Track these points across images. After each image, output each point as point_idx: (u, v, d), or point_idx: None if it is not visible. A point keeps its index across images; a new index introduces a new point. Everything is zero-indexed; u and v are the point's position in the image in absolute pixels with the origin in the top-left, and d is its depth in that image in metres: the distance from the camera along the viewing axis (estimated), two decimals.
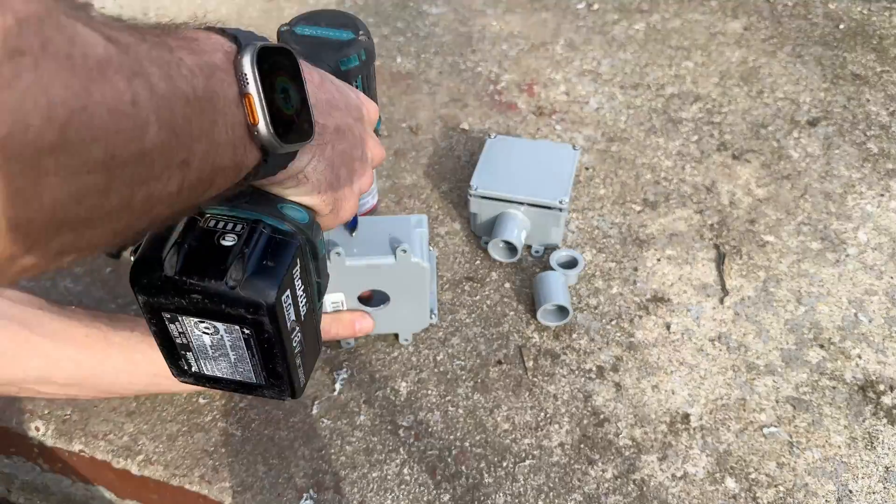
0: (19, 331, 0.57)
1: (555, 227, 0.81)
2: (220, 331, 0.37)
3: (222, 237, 0.36)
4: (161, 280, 0.35)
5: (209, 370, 0.41)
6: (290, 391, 0.42)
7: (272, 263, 0.36)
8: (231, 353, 0.39)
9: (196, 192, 0.30)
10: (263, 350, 0.38)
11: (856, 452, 0.66)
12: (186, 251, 0.35)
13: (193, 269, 0.35)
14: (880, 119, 1.00)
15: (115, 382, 0.64)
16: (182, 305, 0.36)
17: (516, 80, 1.10)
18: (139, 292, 0.36)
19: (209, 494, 0.66)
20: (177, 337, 0.39)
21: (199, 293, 0.35)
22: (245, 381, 0.42)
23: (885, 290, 0.79)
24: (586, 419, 0.69)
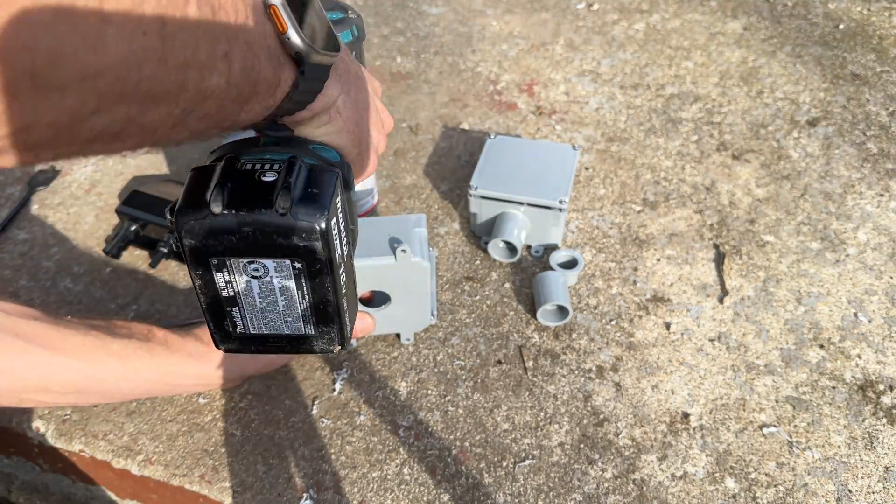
0: (15, 342, 0.57)
1: (555, 227, 0.81)
2: (270, 271, 0.37)
3: (262, 175, 0.36)
4: (209, 220, 0.34)
5: (255, 327, 0.40)
6: (340, 339, 0.41)
7: (317, 190, 0.36)
8: (280, 299, 0.38)
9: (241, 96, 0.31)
10: (314, 285, 0.37)
11: (855, 452, 0.66)
12: (230, 188, 0.35)
13: (241, 202, 0.34)
14: (880, 119, 1.00)
15: (114, 389, 0.64)
16: (231, 244, 0.35)
17: (516, 80, 1.10)
18: (186, 236, 0.35)
19: (209, 494, 0.66)
20: (223, 289, 0.38)
21: (249, 225, 0.34)
22: (293, 335, 0.41)
23: (884, 290, 0.79)
24: (586, 419, 0.69)
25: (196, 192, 0.35)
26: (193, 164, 0.98)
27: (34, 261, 0.87)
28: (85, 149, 0.26)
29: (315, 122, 0.40)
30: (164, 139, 0.30)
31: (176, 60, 0.26)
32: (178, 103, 0.28)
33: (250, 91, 0.32)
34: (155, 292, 0.82)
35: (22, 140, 0.23)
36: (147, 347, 0.63)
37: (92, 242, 0.88)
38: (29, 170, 0.98)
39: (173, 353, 0.64)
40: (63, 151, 0.26)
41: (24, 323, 0.58)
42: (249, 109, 0.33)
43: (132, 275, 0.84)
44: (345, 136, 0.41)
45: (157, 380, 0.65)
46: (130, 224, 0.82)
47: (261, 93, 0.33)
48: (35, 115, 0.22)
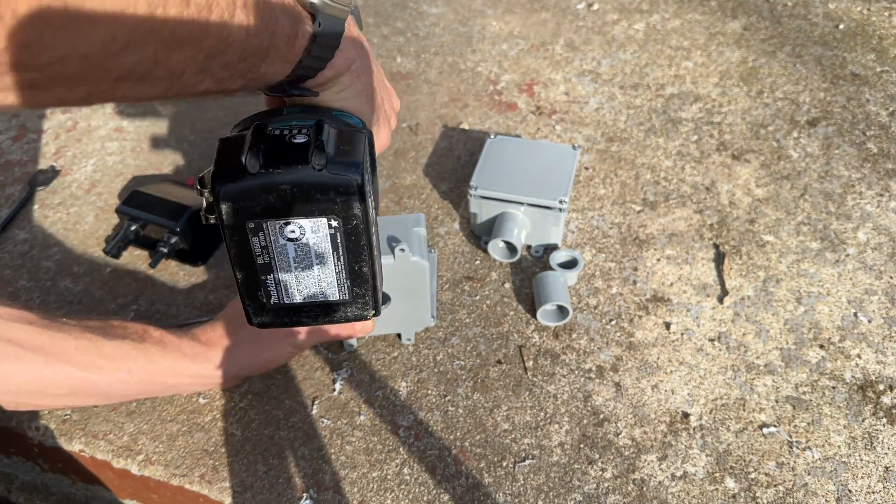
0: (7, 347, 0.57)
1: (555, 227, 0.81)
2: (306, 231, 0.37)
3: (293, 138, 0.36)
4: (247, 181, 0.35)
5: (290, 296, 0.40)
6: (374, 303, 0.41)
7: (349, 148, 0.37)
8: (315, 262, 0.39)
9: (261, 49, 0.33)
10: (350, 244, 0.38)
11: (855, 452, 0.66)
12: (264, 150, 0.35)
13: (277, 162, 0.35)
14: (880, 119, 1.00)
15: (109, 391, 0.64)
16: (269, 204, 0.35)
17: (516, 80, 1.10)
18: (224, 200, 0.35)
19: (209, 494, 0.66)
20: (259, 255, 0.38)
21: (288, 183, 0.35)
22: (327, 302, 0.41)
23: (884, 290, 0.79)
24: (586, 419, 0.69)
25: (230, 158, 0.36)
26: (194, 165, 0.98)
27: (34, 261, 0.87)
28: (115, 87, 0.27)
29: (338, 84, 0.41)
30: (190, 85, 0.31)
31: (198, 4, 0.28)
32: (201, 47, 0.29)
33: (269, 42, 0.33)
34: (155, 292, 0.82)
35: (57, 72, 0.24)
36: (141, 348, 0.63)
37: (92, 242, 0.88)
38: (29, 170, 0.99)
39: (168, 353, 0.64)
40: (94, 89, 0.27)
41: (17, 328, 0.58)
42: (271, 62, 0.35)
43: (132, 275, 0.84)
44: (364, 100, 0.42)
45: (151, 380, 0.65)
46: (130, 224, 0.82)
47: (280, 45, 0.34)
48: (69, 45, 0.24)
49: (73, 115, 1.08)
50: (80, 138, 1.03)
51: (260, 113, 0.41)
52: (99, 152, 1.01)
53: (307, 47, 0.36)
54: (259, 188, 0.35)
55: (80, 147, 1.02)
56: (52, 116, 1.08)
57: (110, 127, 1.05)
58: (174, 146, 1.01)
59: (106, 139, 1.03)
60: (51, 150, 1.02)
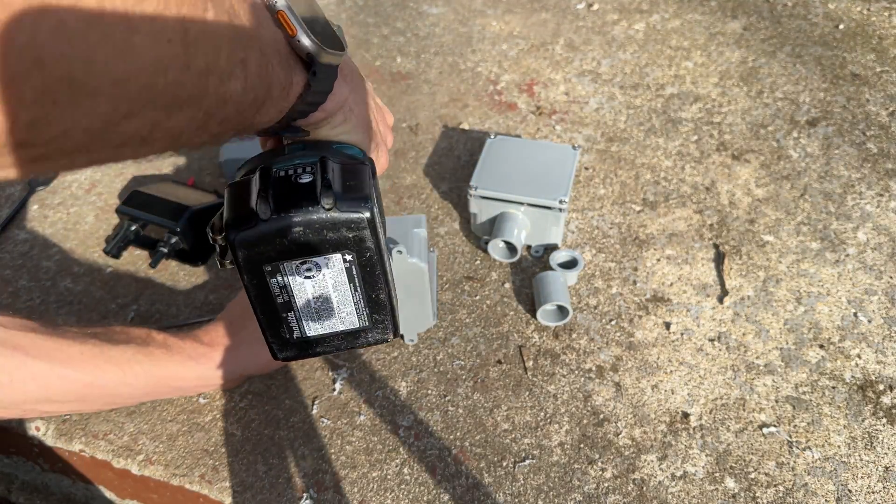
0: (14, 355, 0.57)
1: (554, 227, 0.81)
2: (322, 269, 0.38)
3: (298, 178, 0.37)
4: (259, 227, 0.35)
5: (312, 329, 0.41)
6: (393, 326, 0.42)
7: (355, 183, 0.37)
8: (333, 296, 0.40)
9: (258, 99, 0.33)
10: (365, 275, 0.39)
11: (855, 452, 0.66)
12: (273, 194, 0.36)
13: (288, 206, 0.36)
14: (880, 119, 1.00)
15: (115, 396, 0.64)
16: (284, 247, 0.36)
17: (516, 80, 1.10)
18: (240, 247, 0.36)
19: (209, 494, 0.66)
20: (278, 295, 0.39)
21: (299, 225, 0.36)
22: (348, 331, 0.42)
23: (884, 290, 0.79)
24: (586, 419, 0.69)
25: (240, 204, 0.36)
26: (194, 165, 0.98)
27: (34, 261, 0.87)
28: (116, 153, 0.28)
29: (330, 122, 0.41)
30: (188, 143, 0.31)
31: (198, 66, 0.28)
32: (200, 107, 0.29)
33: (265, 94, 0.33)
34: (155, 292, 0.82)
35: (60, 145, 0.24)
36: (146, 352, 0.63)
37: (92, 242, 0.88)
38: None
39: (173, 356, 0.64)
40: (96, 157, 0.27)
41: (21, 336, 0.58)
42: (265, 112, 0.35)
43: (132, 275, 0.84)
44: (360, 132, 0.43)
45: (157, 383, 0.65)
46: (130, 224, 0.82)
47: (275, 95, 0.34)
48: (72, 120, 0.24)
49: None
50: None
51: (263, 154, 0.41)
52: None
53: (301, 94, 0.37)
54: (273, 233, 0.36)
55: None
56: None
57: None
58: None
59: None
60: None
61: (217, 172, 0.96)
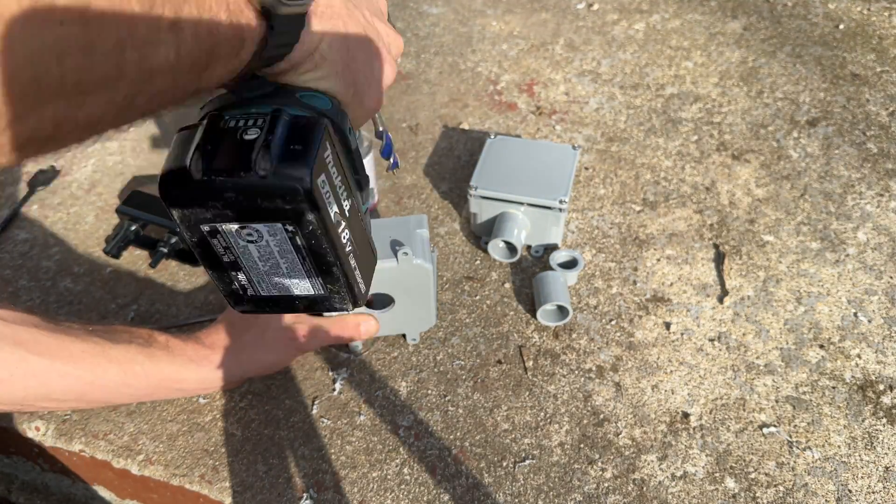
0: (15, 350, 0.56)
1: (555, 227, 0.81)
2: (264, 235, 0.35)
3: (244, 132, 0.33)
4: (190, 186, 0.33)
5: (265, 290, 0.39)
6: (351, 297, 0.39)
7: (300, 147, 0.33)
8: (281, 262, 0.37)
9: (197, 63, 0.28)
10: (312, 248, 0.36)
11: (855, 452, 0.66)
12: (209, 151, 0.33)
13: (220, 167, 0.33)
14: (880, 119, 1.00)
15: (115, 395, 0.64)
16: (218, 210, 0.33)
17: (516, 80, 1.10)
18: (171, 205, 0.34)
19: (209, 494, 0.66)
20: (223, 254, 0.36)
21: (231, 191, 0.33)
22: (304, 296, 0.39)
23: (884, 290, 0.79)
24: (586, 419, 0.69)
25: (178, 157, 0.33)
26: None
27: (34, 261, 0.87)
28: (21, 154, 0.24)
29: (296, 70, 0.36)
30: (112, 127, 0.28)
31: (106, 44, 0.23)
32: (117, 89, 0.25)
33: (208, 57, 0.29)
34: (155, 292, 0.82)
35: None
36: (148, 352, 0.63)
37: (92, 242, 0.88)
38: (29, 170, 0.98)
39: (175, 358, 0.64)
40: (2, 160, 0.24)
41: (23, 331, 0.58)
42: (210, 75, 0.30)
43: (132, 275, 0.84)
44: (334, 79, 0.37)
45: (158, 384, 0.65)
46: (130, 224, 0.82)
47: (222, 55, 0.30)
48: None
49: None
50: None
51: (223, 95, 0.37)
52: (99, 152, 1.01)
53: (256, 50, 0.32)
54: (203, 195, 0.33)
55: (80, 147, 1.02)
56: None
57: None
58: None
59: (106, 139, 1.03)
60: None
61: None
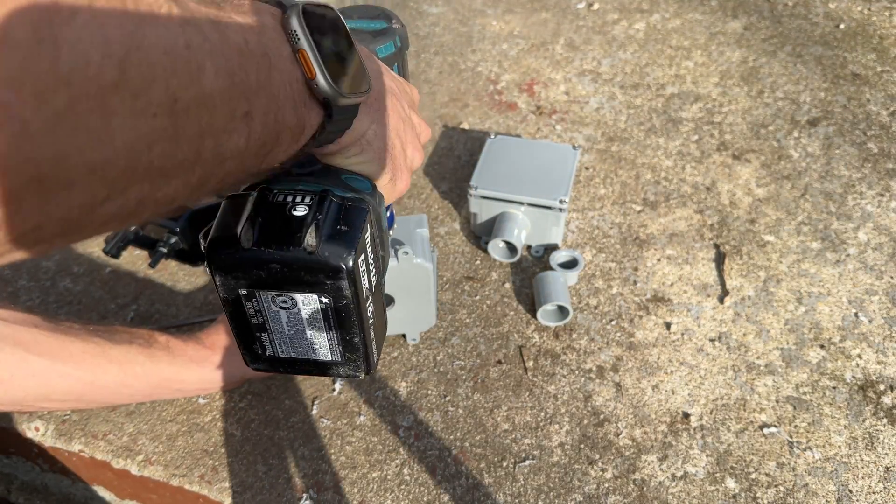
0: (15, 351, 0.56)
1: (555, 227, 0.81)
2: (298, 303, 0.38)
3: (293, 209, 0.36)
4: (238, 254, 0.35)
5: (284, 352, 0.41)
6: (366, 366, 0.42)
7: (346, 228, 0.36)
8: (307, 329, 0.39)
9: (263, 148, 0.30)
10: (340, 320, 0.38)
11: (856, 452, 0.66)
12: (261, 224, 0.35)
13: (270, 240, 0.35)
14: (880, 119, 1.00)
15: (115, 395, 0.64)
16: (260, 278, 0.36)
17: (516, 80, 1.10)
18: (217, 271, 0.36)
19: (209, 494, 0.66)
20: (253, 317, 0.39)
21: (278, 262, 0.35)
22: (320, 361, 0.42)
23: (885, 290, 0.79)
24: (586, 419, 0.69)
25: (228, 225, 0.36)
26: None
27: (34, 261, 0.86)
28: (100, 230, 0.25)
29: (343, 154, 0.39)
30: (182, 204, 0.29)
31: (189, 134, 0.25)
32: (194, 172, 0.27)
33: (273, 142, 0.31)
34: (155, 292, 0.82)
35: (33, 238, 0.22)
36: (148, 353, 0.63)
37: (91, 242, 0.88)
38: None
39: (175, 358, 0.64)
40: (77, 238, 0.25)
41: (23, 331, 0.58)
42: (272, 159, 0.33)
43: (132, 275, 0.84)
44: (375, 164, 0.41)
45: (158, 384, 0.65)
46: None
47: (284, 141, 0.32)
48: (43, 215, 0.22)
49: None
50: None
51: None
52: None
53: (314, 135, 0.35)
54: (250, 264, 0.35)
55: None
56: None
57: None
58: None
59: None
60: None
61: None
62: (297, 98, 0.32)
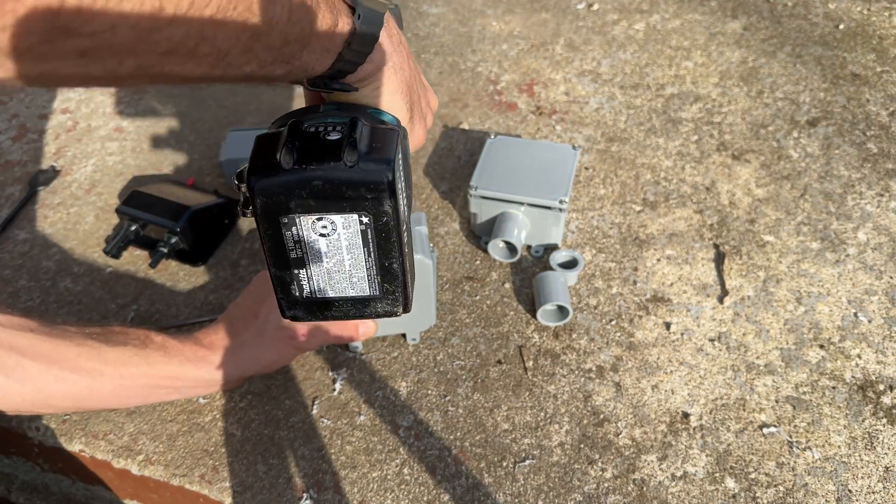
0: (10, 356, 0.56)
1: (555, 227, 0.81)
2: (338, 227, 0.38)
3: (327, 135, 0.37)
4: (280, 176, 0.36)
5: (321, 291, 0.41)
6: (404, 300, 0.42)
7: (380, 145, 0.38)
8: (346, 258, 0.40)
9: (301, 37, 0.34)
10: (380, 241, 0.39)
11: (855, 452, 0.66)
12: (299, 147, 0.36)
13: (310, 158, 0.36)
14: (880, 119, 1.00)
15: (112, 398, 0.64)
16: (302, 200, 0.37)
17: (516, 80, 1.10)
18: (259, 194, 0.36)
19: (209, 494, 0.66)
20: (292, 249, 0.39)
21: (320, 179, 0.36)
22: (358, 297, 0.42)
23: (884, 290, 0.79)
24: (586, 419, 0.69)
25: (265, 154, 0.37)
26: (194, 165, 0.98)
27: (34, 261, 0.87)
28: (163, 62, 0.28)
29: (375, 80, 0.42)
30: (235, 66, 0.32)
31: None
32: (245, 26, 0.30)
33: (310, 30, 0.34)
34: (155, 292, 0.82)
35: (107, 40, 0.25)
36: (144, 354, 0.63)
37: (92, 242, 0.88)
38: (29, 170, 0.98)
39: (172, 359, 0.64)
40: (144, 62, 0.28)
41: (19, 336, 0.58)
42: (311, 50, 0.35)
43: (132, 275, 0.84)
44: (399, 98, 0.43)
45: (155, 385, 0.64)
46: (130, 224, 0.82)
47: (320, 34, 0.35)
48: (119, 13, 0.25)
49: (73, 115, 1.08)
50: (80, 138, 1.03)
51: (297, 110, 0.42)
52: (99, 152, 1.01)
53: (347, 40, 0.38)
54: (292, 184, 0.36)
55: (81, 147, 1.02)
56: (53, 116, 1.08)
57: (110, 127, 1.05)
58: (174, 146, 1.01)
59: (106, 139, 1.03)
60: (51, 150, 1.02)
61: (217, 172, 0.96)
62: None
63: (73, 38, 0.24)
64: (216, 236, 0.87)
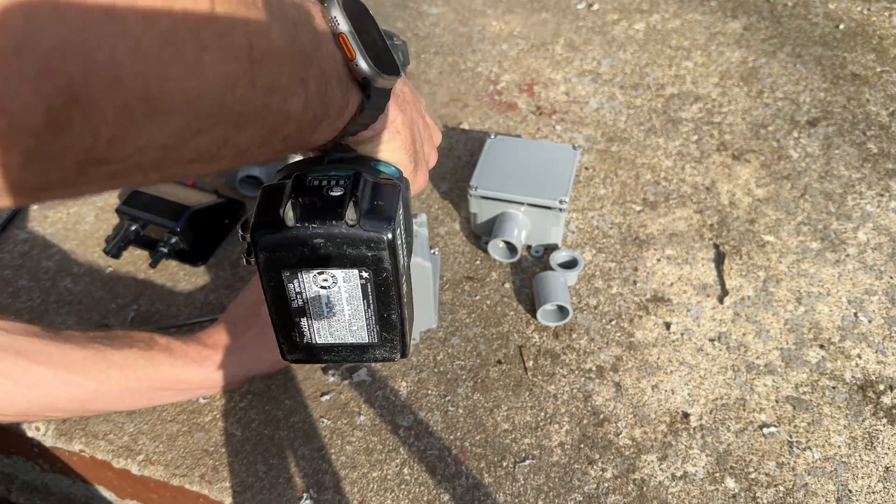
0: (17, 360, 0.57)
1: (555, 227, 0.81)
2: (339, 281, 0.39)
3: (330, 189, 0.38)
4: (283, 233, 0.37)
5: (322, 337, 0.43)
6: (402, 347, 0.44)
7: (382, 203, 0.39)
8: (346, 309, 0.41)
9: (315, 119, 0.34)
10: (379, 294, 0.40)
11: (855, 452, 0.66)
12: (302, 204, 0.37)
13: (313, 216, 0.37)
14: (880, 119, 1.00)
15: (118, 400, 0.64)
16: (304, 256, 0.38)
17: (516, 80, 1.10)
18: (262, 250, 0.37)
19: (209, 494, 0.66)
20: (293, 299, 0.40)
21: (321, 237, 0.37)
22: (357, 344, 0.43)
23: (884, 290, 0.79)
24: (586, 419, 0.69)
25: (269, 209, 0.38)
26: None
27: (34, 261, 0.87)
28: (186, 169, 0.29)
29: (376, 140, 0.43)
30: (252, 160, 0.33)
31: (263, 83, 0.29)
32: (265, 124, 0.30)
33: (323, 113, 0.35)
34: (155, 292, 0.82)
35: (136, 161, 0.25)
36: (148, 356, 0.63)
37: (92, 242, 0.88)
38: None
39: (176, 360, 0.64)
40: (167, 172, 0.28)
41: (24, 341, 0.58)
42: (321, 131, 0.36)
43: (132, 275, 0.84)
44: (402, 153, 0.44)
45: (161, 387, 0.65)
46: (130, 224, 0.82)
47: (332, 115, 0.36)
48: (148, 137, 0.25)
49: None
50: None
51: (301, 161, 0.43)
52: None
53: (354, 115, 0.38)
54: (295, 241, 0.37)
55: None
56: None
57: None
58: None
59: None
60: None
61: (217, 173, 0.96)
62: (340, 77, 0.36)
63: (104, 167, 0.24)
64: (216, 236, 0.87)
